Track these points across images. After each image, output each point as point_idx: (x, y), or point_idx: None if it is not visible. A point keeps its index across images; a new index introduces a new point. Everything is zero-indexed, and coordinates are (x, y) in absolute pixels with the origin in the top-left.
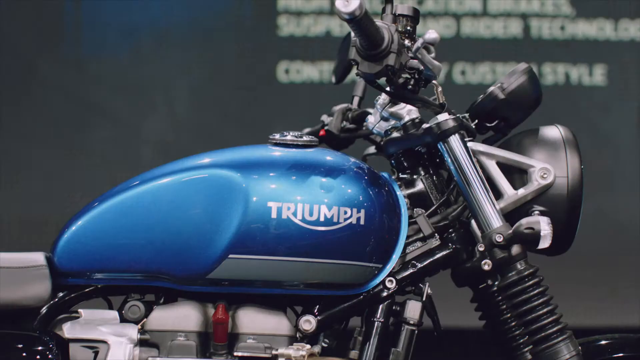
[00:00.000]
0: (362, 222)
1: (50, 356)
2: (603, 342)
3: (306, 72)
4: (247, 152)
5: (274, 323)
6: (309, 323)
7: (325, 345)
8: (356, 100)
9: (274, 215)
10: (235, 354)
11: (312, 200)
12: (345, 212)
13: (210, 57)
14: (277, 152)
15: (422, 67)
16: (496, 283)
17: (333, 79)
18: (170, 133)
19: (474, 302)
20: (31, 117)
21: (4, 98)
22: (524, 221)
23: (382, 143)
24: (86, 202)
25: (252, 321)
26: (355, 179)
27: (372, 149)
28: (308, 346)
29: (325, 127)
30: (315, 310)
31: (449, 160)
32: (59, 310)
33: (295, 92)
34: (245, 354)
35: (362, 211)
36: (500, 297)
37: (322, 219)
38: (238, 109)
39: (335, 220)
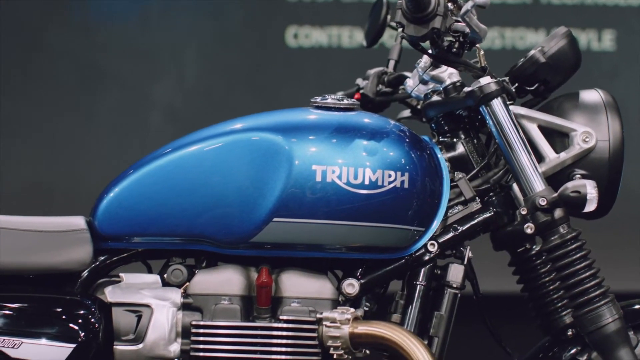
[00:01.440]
0: (405, 185)
1: (92, 320)
2: (637, 306)
3: (315, 37)
4: (290, 116)
5: (317, 287)
6: (352, 287)
7: (367, 309)
8: (392, 63)
9: (318, 178)
10: (280, 317)
11: (356, 163)
12: (390, 176)
13: (218, 21)
14: (320, 116)
15: (467, 30)
16: (534, 247)
17: (364, 43)
18: (178, 98)
19: (511, 265)
20: (39, 83)
21: (13, 64)
22: (570, 185)
23: (418, 107)
24: (95, 168)
25: (296, 285)
26: (399, 142)
27: (406, 113)
28: (352, 309)
29: (361, 91)
30: (358, 274)
31: (491, 123)
32: (99, 275)
33: (304, 57)
34: (290, 317)
35: (406, 174)
36: (540, 261)
37: (366, 182)
38: (246, 74)
39: (379, 183)
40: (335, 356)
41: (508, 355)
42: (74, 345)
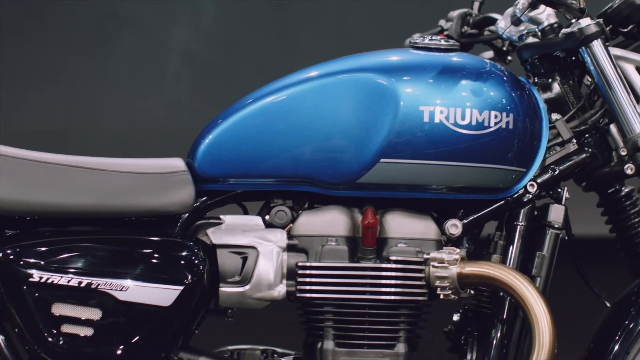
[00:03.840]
0: (510, 126)
1: (197, 262)
2: None
3: None
4: (393, 56)
5: (422, 227)
6: (455, 227)
7: (466, 249)
8: (476, 5)
9: (426, 119)
10: (391, 257)
11: (463, 104)
12: (496, 116)
13: None
14: (422, 57)
15: None
16: (624, 188)
17: None
18: (195, 42)
19: (600, 206)
20: (55, 28)
21: (27, 9)
22: None
23: (504, 48)
24: (112, 113)
25: (401, 225)
26: (502, 83)
27: (488, 54)
28: (458, 250)
29: (445, 32)
30: (460, 215)
31: (591, 65)
32: (197, 217)
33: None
34: (399, 258)
35: (511, 115)
36: (631, 202)
37: (473, 122)
38: (264, 17)
39: (485, 124)
40: (441, 296)
41: (597, 297)
42: (181, 288)
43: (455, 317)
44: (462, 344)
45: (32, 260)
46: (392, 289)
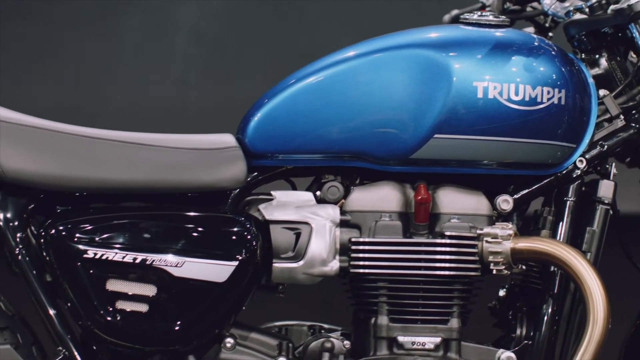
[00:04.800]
0: (562, 102)
1: (250, 238)
2: None
3: None
4: (444, 32)
5: (474, 203)
6: (507, 203)
7: (516, 225)
8: None
9: (480, 95)
10: (445, 233)
11: (516, 80)
12: (549, 92)
13: None
14: (474, 32)
15: None
16: None
17: None
18: (203, 20)
19: None
20: (62, 5)
21: None
22: None
23: (546, 24)
24: (119, 91)
25: (453, 201)
26: (553, 59)
27: (529, 30)
28: (511, 225)
29: (487, 8)
30: (510, 190)
31: None
32: (247, 193)
33: None
34: (452, 233)
35: (563, 91)
36: None
37: (527, 98)
38: None
39: (539, 100)
40: (494, 271)
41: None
42: (235, 264)
43: (502, 293)
44: (509, 320)
45: (85, 237)
46: (446, 264)
